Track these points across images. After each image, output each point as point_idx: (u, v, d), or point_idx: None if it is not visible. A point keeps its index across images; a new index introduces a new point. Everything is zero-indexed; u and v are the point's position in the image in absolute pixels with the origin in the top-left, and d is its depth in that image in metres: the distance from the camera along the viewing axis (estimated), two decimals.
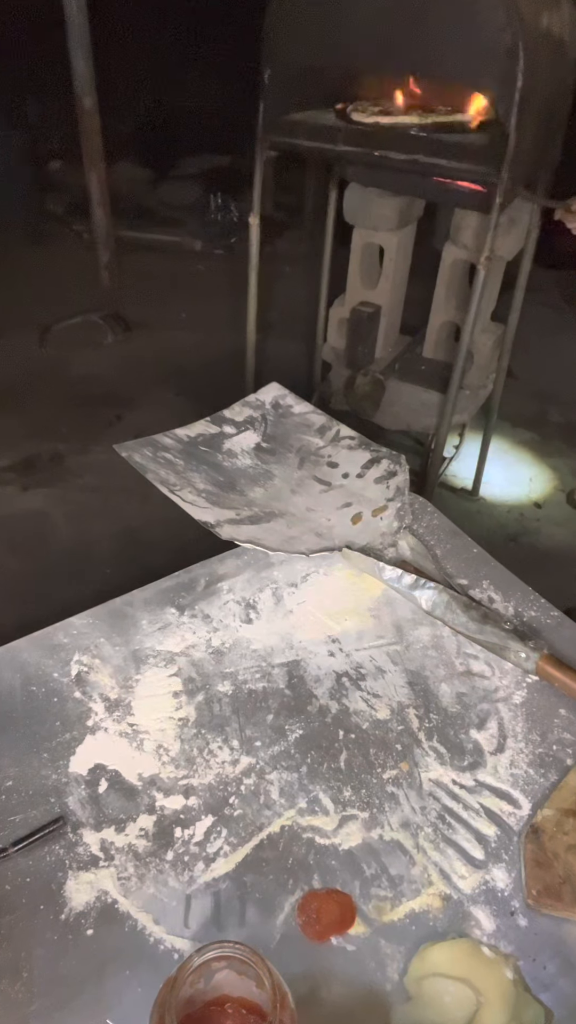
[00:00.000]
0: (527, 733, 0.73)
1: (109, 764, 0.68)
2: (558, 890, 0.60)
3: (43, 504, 2.23)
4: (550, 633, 0.82)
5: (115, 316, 3.11)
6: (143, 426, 2.11)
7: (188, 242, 3.88)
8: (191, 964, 0.43)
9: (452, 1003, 0.53)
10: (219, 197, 3.94)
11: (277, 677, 0.77)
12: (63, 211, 3.95)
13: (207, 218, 3.98)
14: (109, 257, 3.26)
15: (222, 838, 0.63)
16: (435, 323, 2.11)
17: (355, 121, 1.63)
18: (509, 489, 2.40)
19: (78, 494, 2.27)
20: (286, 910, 0.59)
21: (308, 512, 0.95)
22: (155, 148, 4.24)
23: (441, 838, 0.64)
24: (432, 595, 0.82)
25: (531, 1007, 0.53)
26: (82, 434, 2.48)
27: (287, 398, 1.13)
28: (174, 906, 0.59)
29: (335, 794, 0.67)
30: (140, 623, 0.82)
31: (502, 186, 1.51)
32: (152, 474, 0.94)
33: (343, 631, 0.82)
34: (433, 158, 1.57)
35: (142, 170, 4.24)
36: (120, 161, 3.80)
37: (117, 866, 0.61)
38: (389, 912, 0.59)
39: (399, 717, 0.73)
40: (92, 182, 3.08)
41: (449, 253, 1.96)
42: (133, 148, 4.12)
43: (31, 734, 0.70)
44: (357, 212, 1.99)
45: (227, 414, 1.09)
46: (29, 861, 0.60)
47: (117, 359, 2.97)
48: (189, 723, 0.72)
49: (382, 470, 1.00)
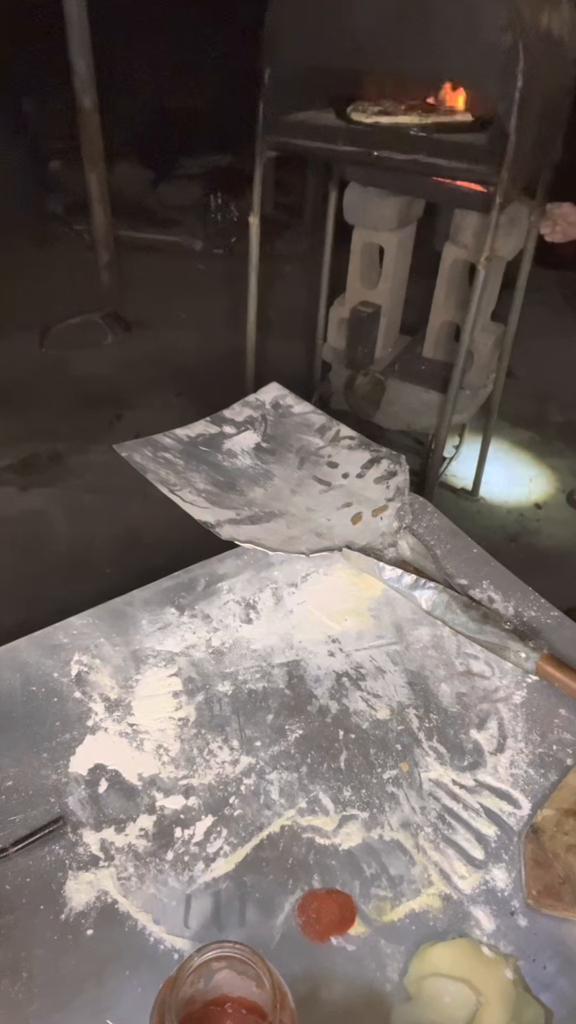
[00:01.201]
0: (527, 733, 0.72)
1: (109, 764, 0.68)
2: (558, 890, 0.60)
3: (43, 504, 2.23)
4: (550, 633, 0.82)
5: (115, 316, 3.12)
6: (143, 426, 2.11)
7: (188, 242, 3.88)
8: (191, 964, 0.43)
9: (452, 1003, 0.53)
10: (219, 197, 3.94)
11: (277, 677, 0.77)
12: (63, 211, 3.95)
13: (207, 218, 3.98)
14: (109, 257, 3.26)
15: (222, 838, 0.63)
16: (435, 323, 2.11)
17: (355, 121, 1.63)
18: (509, 489, 2.40)
19: (78, 494, 2.27)
20: (286, 910, 0.59)
21: (308, 512, 0.95)
22: (155, 148, 4.24)
23: (441, 838, 0.64)
24: (432, 595, 0.82)
25: (531, 1007, 0.53)
26: (82, 434, 2.48)
27: (287, 398, 1.13)
28: (174, 906, 0.59)
29: (335, 794, 0.67)
30: (140, 623, 0.82)
31: (502, 186, 1.51)
32: (152, 474, 0.94)
33: (343, 631, 0.82)
34: (433, 158, 1.57)
35: (142, 170, 4.24)
36: (120, 161, 3.80)
37: (117, 866, 0.61)
38: (389, 912, 0.59)
39: (399, 717, 0.73)
40: (92, 182, 3.08)
41: (449, 253, 1.96)
42: (133, 148, 4.12)
43: (31, 734, 0.70)
44: (357, 212, 1.99)
45: (227, 414, 1.09)
46: (29, 861, 0.60)
47: (117, 359, 2.97)
48: (189, 723, 0.72)
49: (382, 470, 1.00)
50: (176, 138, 4.24)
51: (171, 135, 4.23)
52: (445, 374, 1.93)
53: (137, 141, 4.15)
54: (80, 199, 3.31)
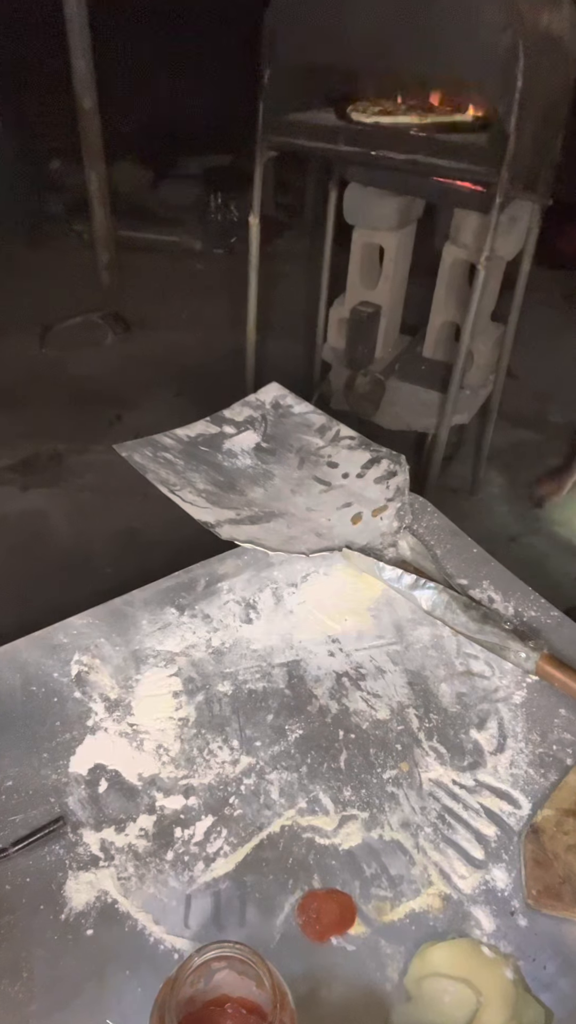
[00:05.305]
0: (527, 733, 0.72)
1: (109, 764, 0.68)
2: (558, 890, 0.60)
3: (43, 504, 2.23)
4: (550, 633, 0.82)
5: (115, 316, 3.11)
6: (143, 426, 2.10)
7: (188, 242, 3.88)
8: (191, 964, 0.43)
9: (452, 1003, 0.53)
10: (219, 197, 3.94)
11: (277, 677, 0.77)
12: (63, 211, 3.94)
13: (207, 218, 3.98)
14: (109, 257, 3.26)
15: (222, 838, 0.63)
16: (435, 323, 2.11)
17: (355, 121, 1.63)
18: (509, 489, 2.39)
19: (78, 494, 2.27)
20: (286, 910, 0.59)
21: (308, 512, 0.95)
22: (155, 148, 4.24)
23: (441, 838, 0.64)
24: (432, 595, 0.82)
25: (531, 1007, 0.53)
26: (82, 434, 2.48)
27: (287, 398, 1.13)
28: (174, 906, 0.59)
29: (335, 794, 0.67)
30: (140, 623, 0.82)
31: (502, 186, 1.51)
32: (152, 474, 0.94)
33: (343, 631, 0.82)
34: (433, 158, 1.57)
35: (142, 170, 4.24)
36: (120, 161, 3.80)
37: (117, 866, 0.61)
38: (389, 912, 0.59)
39: (399, 717, 0.73)
40: (92, 182, 3.08)
41: (449, 253, 1.96)
42: (133, 148, 4.11)
43: (31, 734, 0.70)
44: (357, 212, 1.99)
45: (227, 414, 1.09)
46: (29, 861, 0.60)
47: (117, 359, 2.97)
48: (189, 723, 0.72)
49: (382, 470, 1.00)
50: (176, 138, 4.24)
51: (171, 135, 4.22)
52: (445, 374, 1.93)
53: (137, 141, 4.15)
54: (80, 199, 3.31)
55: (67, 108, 2.96)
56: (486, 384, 2.12)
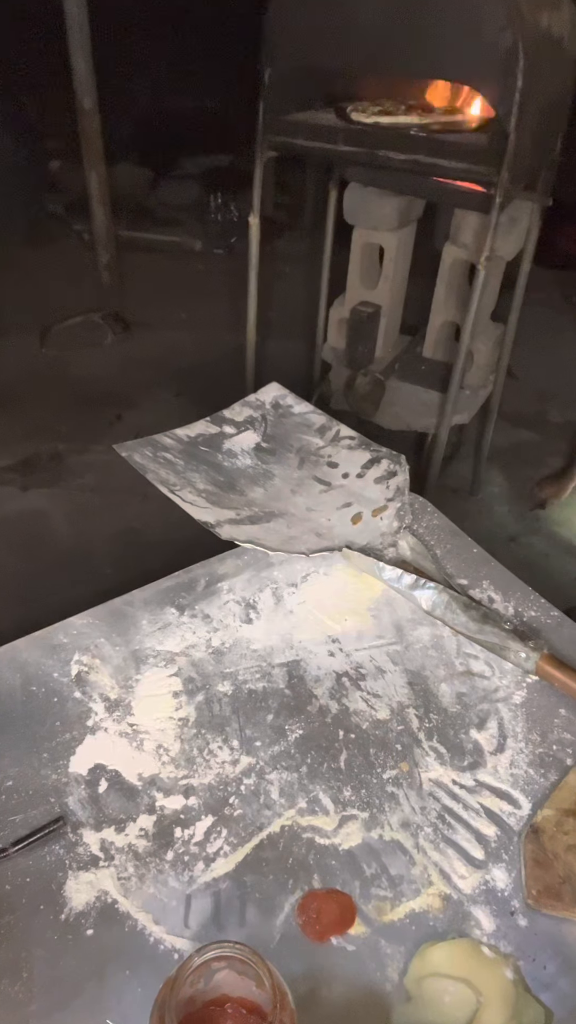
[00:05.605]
0: (527, 733, 0.72)
1: (109, 764, 0.68)
2: (558, 890, 0.60)
3: (43, 504, 2.23)
4: (550, 633, 0.82)
5: (115, 316, 3.11)
6: (143, 426, 2.11)
7: (188, 242, 3.88)
8: (191, 964, 0.43)
9: (452, 1003, 0.53)
10: (219, 197, 3.94)
11: (277, 677, 0.77)
12: (63, 211, 3.94)
13: (207, 218, 3.97)
14: (109, 257, 3.26)
15: (222, 838, 0.63)
16: (435, 323, 2.11)
17: (355, 121, 1.63)
18: (509, 489, 2.39)
19: (78, 494, 2.27)
20: (286, 910, 0.59)
21: (308, 512, 0.95)
22: (155, 148, 4.24)
23: (441, 838, 0.64)
24: (432, 595, 0.82)
25: (531, 1007, 0.53)
26: (82, 434, 2.48)
27: (287, 398, 1.13)
28: (174, 906, 0.59)
29: (335, 794, 0.67)
30: (140, 623, 0.82)
31: (502, 186, 1.51)
32: (152, 474, 0.94)
33: (343, 631, 0.82)
34: (433, 158, 1.57)
35: (142, 170, 4.24)
36: (120, 161, 3.79)
37: (117, 866, 0.61)
38: (389, 912, 0.59)
39: (399, 717, 0.73)
40: (92, 182, 3.08)
41: (449, 253, 1.96)
42: (133, 148, 4.11)
43: (31, 734, 0.70)
44: (357, 212, 1.99)
45: (227, 414, 1.09)
46: (29, 861, 0.60)
47: (117, 359, 2.97)
48: (189, 723, 0.72)
49: (382, 470, 1.00)
50: (176, 138, 4.24)
51: (171, 135, 4.23)
52: (445, 374, 1.93)
53: (137, 141, 4.15)
54: (80, 199, 3.31)
55: (67, 108, 2.95)
56: (486, 384, 2.12)
